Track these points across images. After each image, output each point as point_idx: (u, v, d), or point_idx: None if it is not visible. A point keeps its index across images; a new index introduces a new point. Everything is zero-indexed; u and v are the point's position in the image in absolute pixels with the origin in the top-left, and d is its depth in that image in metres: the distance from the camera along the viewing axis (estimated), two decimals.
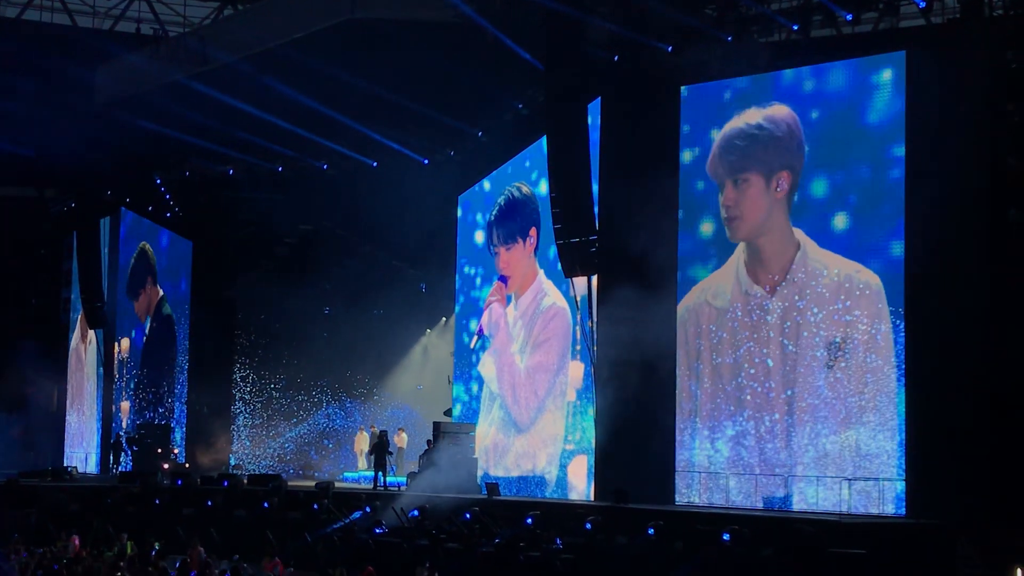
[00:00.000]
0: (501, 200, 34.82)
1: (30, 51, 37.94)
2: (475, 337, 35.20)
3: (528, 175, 34.21)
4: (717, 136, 29.19)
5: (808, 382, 27.30)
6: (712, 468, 28.72)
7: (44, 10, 42.59)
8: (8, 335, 48.47)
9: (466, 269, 36.39)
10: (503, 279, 34.65)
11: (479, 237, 35.94)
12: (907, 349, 26.08)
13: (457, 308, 36.78)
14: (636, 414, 29.16)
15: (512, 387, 34.13)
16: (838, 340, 26.82)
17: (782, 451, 27.64)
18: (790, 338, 27.65)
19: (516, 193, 34.25)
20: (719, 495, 28.48)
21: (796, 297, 27.63)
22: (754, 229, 28.50)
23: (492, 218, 35.28)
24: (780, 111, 28.28)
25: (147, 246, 45.81)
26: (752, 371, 28.27)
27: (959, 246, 25.56)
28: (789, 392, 27.57)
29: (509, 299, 34.44)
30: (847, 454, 26.58)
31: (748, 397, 28.28)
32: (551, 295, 33.24)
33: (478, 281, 35.83)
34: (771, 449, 27.84)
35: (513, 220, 34.46)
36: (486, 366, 35.13)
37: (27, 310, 50.53)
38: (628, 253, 29.47)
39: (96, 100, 39.12)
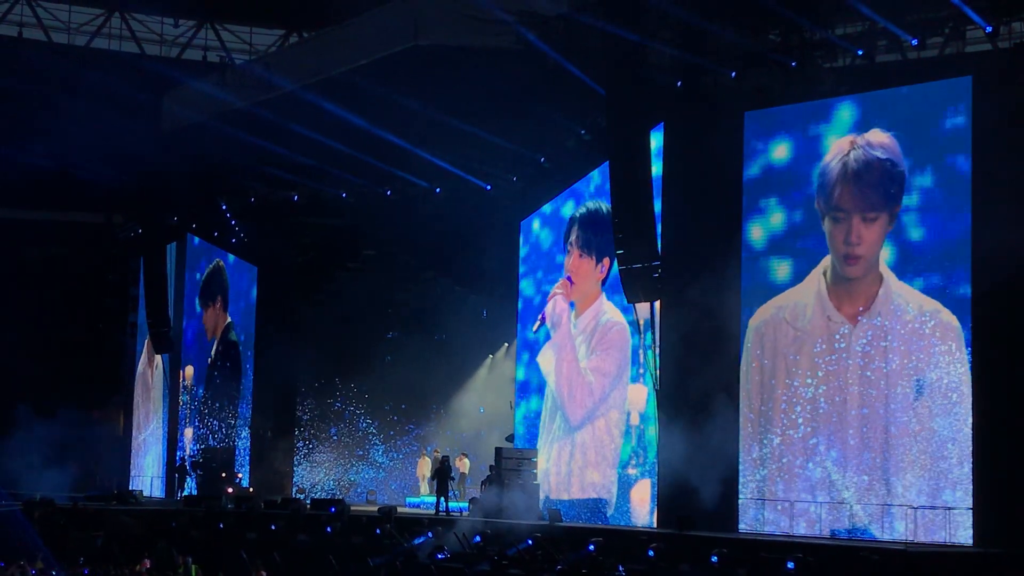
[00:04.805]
0: (592, 205, 34.34)
1: (99, 78, 38.43)
2: (537, 323, 35.18)
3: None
4: (836, 164, 28.15)
5: (887, 415, 26.89)
6: (781, 494, 28.48)
7: (112, 38, 43.26)
8: (76, 359, 49.00)
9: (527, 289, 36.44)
10: (569, 279, 34.56)
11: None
12: (974, 379, 25.76)
13: (517, 337, 36.83)
14: (699, 439, 28.95)
15: (569, 383, 34.08)
16: (924, 377, 26.36)
17: (855, 479, 27.39)
18: (872, 370, 27.21)
19: (603, 210, 33.49)
20: (785, 522, 28.22)
21: (879, 330, 27.14)
22: (870, 266, 27.67)
23: (578, 214, 34.78)
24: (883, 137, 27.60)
25: (222, 263, 46.18)
26: (829, 398, 27.91)
27: None
28: (866, 423, 27.23)
29: (572, 305, 34.37)
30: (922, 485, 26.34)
31: (821, 424, 27.99)
32: (610, 313, 33.18)
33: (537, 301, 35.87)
34: (843, 477, 27.62)
35: (594, 233, 33.99)
36: (546, 357, 35.07)
37: (95, 334, 51.07)
38: (691, 279, 29.36)
39: (163, 126, 39.60)
